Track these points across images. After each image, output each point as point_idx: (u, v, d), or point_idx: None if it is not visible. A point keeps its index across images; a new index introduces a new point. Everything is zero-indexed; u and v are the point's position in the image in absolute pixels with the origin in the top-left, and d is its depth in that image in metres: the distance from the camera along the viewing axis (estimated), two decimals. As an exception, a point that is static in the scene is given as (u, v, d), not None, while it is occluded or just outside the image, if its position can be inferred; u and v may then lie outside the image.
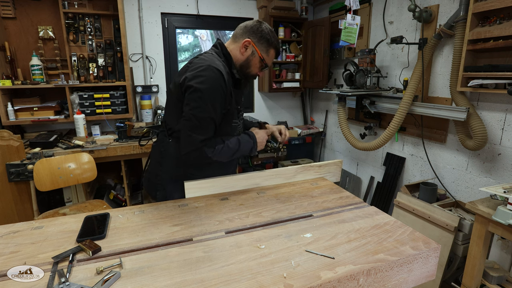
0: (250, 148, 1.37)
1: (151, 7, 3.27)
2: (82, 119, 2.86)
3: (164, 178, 1.38)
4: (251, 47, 1.32)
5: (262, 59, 1.34)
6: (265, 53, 1.35)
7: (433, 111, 2.22)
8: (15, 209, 2.30)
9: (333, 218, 1.17)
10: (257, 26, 1.32)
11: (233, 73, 1.33)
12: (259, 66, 1.37)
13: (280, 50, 1.39)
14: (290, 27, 3.68)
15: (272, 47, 1.35)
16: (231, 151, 1.30)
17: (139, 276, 0.84)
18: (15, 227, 1.11)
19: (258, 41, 1.32)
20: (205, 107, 1.19)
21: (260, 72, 1.41)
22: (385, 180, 2.92)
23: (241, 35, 1.33)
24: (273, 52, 1.37)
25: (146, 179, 1.50)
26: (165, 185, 1.38)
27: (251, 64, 1.35)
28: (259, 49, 1.32)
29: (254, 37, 1.31)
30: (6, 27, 2.77)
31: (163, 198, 1.39)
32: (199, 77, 1.19)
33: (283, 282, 0.81)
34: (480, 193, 2.13)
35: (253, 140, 1.37)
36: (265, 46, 1.33)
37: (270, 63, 1.40)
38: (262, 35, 1.31)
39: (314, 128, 3.89)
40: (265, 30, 1.32)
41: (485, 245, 1.62)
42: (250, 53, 1.33)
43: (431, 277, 1.01)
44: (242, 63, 1.35)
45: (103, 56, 3.03)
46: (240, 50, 1.33)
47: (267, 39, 1.32)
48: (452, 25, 2.09)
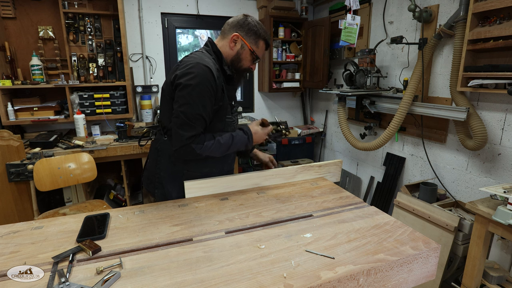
0: (245, 142, 1.37)
1: (151, 7, 3.27)
2: (82, 119, 2.86)
3: (162, 176, 1.39)
4: (240, 40, 1.34)
5: (252, 51, 1.35)
6: (255, 45, 1.36)
7: (433, 111, 2.22)
8: (15, 209, 2.30)
9: (333, 218, 1.17)
10: (243, 20, 1.34)
11: (224, 69, 1.34)
12: (250, 59, 1.38)
13: (269, 41, 1.41)
14: (290, 27, 3.68)
15: (260, 39, 1.36)
16: (223, 147, 1.31)
17: (139, 276, 0.84)
18: (15, 227, 1.11)
19: (246, 34, 1.34)
20: (193, 104, 1.21)
21: (252, 65, 1.42)
22: (385, 180, 2.91)
23: (229, 30, 1.35)
24: (262, 43, 1.38)
25: (145, 177, 1.51)
26: (163, 183, 1.39)
27: (242, 57, 1.36)
28: (248, 41, 1.34)
29: (242, 31, 1.33)
30: (6, 27, 2.77)
31: (162, 196, 1.40)
32: (188, 74, 1.21)
33: (283, 282, 0.81)
34: (480, 193, 2.13)
35: (247, 134, 1.38)
36: (254, 38, 1.35)
37: (261, 55, 1.41)
38: (250, 27, 1.33)
39: (314, 128, 3.89)
40: (252, 22, 1.34)
41: (485, 245, 1.62)
42: (239, 47, 1.34)
43: (431, 277, 1.01)
44: (233, 58, 1.36)
45: (103, 56, 3.03)
46: (229, 45, 1.34)
47: (255, 31, 1.34)
48: (452, 25, 2.09)
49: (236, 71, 1.40)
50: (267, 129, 1.47)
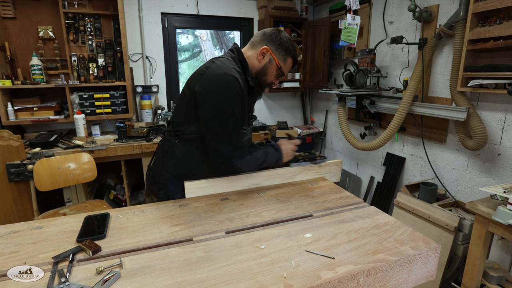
0: (276, 159, 1.39)
1: (151, 7, 3.27)
2: (82, 119, 2.86)
3: (168, 178, 1.38)
4: (268, 54, 1.31)
5: (279, 67, 1.33)
6: (283, 62, 1.34)
7: (433, 111, 2.22)
8: (15, 209, 2.30)
9: (333, 218, 1.17)
10: (275, 34, 1.31)
11: (247, 80, 1.32)
12: (275, 74, 1.36)
13: (297, 58, 1.39)
14: (290, 27, 3.68)
15: (290, 56, 1.34)
16: (257, 162, 1.33)
17: (139, 276, 0.83)
18: (15, 227, 1.11)
19: (276, 49, 1.31)
20: (228, 118, 1.20)
21: (276, 81, 1.40)
22: (385, 180, 2.91)
23: (259, 42, 1.32)
24: (290, 60, 1.36)
25: (150, 177, 1.49)
26: (168, 184, 1.38)
27: (268, 72, 1.34)
28: (276, 57, 1.32)
29: (273, 45, 1.31)
30: (6, 27, 2.77)
31: (166, 197, 1.38)
32: (217, 87, 1.18)
33: (283, 282, 0.81)
34: (480, 193, 2.13)
35: (279, 152, 1.39)
36: (283, 54, 1.32)
37: (286, 72, 1.39)
38: (281, 43, 1.31)
39: (314, 128, 3.89)
40: (284, 38, 1.32)
41: (485, 245, 1.62)
42: (267, 61, 1.32)
43: (431, 277, 1.01)
44: (259, 70, 1.34)
45: (103, 56, 3.03)
46: (257, 57, 1.32)
47: (286, 47, 1.32)
48: (452, 25, 2.09)
49: (259, 84, 1.38)
50: (294, 142, 1.46)
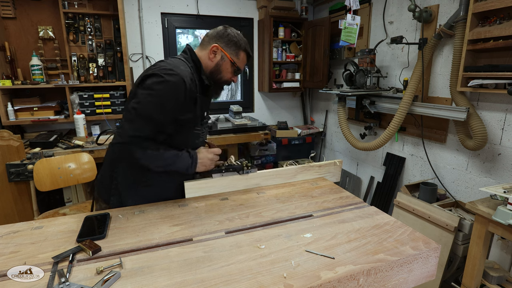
0: (188, 166, 1.27)
1: (151, 7, 3.27)
2: (82, 119, 2.86)
3: (120, 182, 1.31)
4: (219, 52, 1.31)
5: (233, 63, 1.33)
6: (235, 57, 1.33)
7: (433, 111, 2.22)
8: (15, 209, 2.30)
9: (333, 218, 1.17)
10: (222, 31, 1.32)
11: (202, 79, 1.30)
12: (231, 70, 1.35)
13: (250, 52, 1.37)
14: (290, 27, 3.68)
15: (241, 50, 1.34)
16: (163, 162, 1.22)
17: (139, 276, 0.84)
18: (15, 227, 1.11)
19: (226, 45, 1.31)
20: (150, 106, 1.14)
21: (234, 77, 1.39)
22: (385, 180, 2.91)
23: (208, 42, 1.32)
24: (243, 54, 1.35)
25: (99, 181, 1.40)
26: (120, 189, 1.32)
27: (222, 69, 1.33)
28: (228, 53, 1.31)
29: (222, 42, 1.31)
30: (6, 27, 2.77)
31: (118, 203, 1.32)
32: (157, 77, 1.15)
33: (283, 282, 0.81)
34: (480, 193, 2.13)
35: (192, 158, 1.28)
36: (234, 49, 1.32)
37: (242, 67, 1.38)
38: (230, 38, 1.31)
39: (314, 128, 3.89)
40: (232, 33, 1.32)
41: (485, 245, 1.62)
42: (219, 58, 1.31)
43: (431, 277, 1.01)
44: (212, 69, 1.33)
45: (103, 56, 3.03)
46: (209, 56, 1.31)
47: (235, 42, 1.31)
48: (452, 25, 2.09)
49: (215, 83, 1.36)
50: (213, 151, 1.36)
